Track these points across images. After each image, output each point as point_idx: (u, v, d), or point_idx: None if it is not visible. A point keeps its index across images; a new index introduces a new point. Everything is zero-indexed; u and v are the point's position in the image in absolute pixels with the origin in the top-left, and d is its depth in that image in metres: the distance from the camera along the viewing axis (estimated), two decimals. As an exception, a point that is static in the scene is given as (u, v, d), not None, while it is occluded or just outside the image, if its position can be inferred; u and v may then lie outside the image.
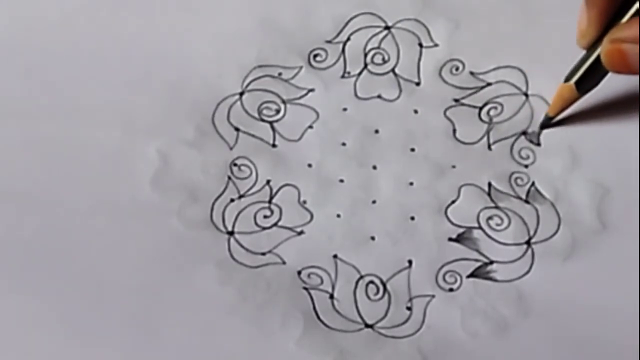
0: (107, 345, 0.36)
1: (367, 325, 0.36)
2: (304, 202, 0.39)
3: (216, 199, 0.39)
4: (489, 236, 0.38)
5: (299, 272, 0.37)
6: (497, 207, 0.38)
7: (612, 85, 0.39)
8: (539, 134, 0.39)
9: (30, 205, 0.39)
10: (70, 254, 0.38)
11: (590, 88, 0.38)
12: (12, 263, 0.38)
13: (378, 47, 0.42)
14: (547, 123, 0.39)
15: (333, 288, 0.37)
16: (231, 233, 0.38)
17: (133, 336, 0.36)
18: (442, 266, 0.37)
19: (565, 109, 0.39)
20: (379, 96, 0.41)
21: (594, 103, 0.39)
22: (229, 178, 0.39)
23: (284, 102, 0.41)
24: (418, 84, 0.41)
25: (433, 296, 0.37)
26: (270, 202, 0.39)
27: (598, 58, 0.36)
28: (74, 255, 0.38)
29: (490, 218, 0.38)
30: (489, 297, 0.36)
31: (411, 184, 0.39)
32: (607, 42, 0.35)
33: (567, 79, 0.38)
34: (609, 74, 0.37)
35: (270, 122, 0.41)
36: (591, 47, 0.37)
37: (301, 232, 0.38)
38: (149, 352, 0.36)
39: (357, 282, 0.37)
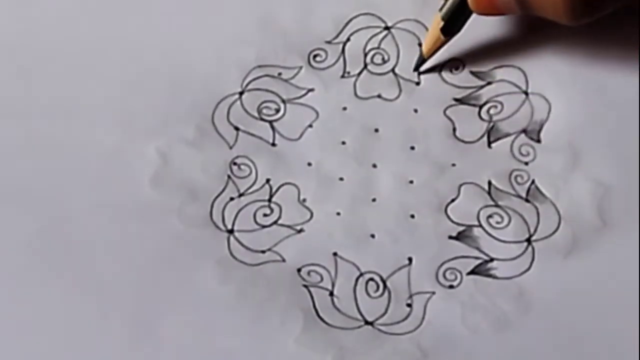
0: (106, 344, 0.36)
1: (367, 322, 0.36)
2: (304, 200, 0.39)
3: (216, 198, 0.39)
4: (489, 234, 0.38)
5: (299, 270, 0.37)
6: (497, 206, 0.38)
7: (612, 84, 0.39)
8: (418, 73, 0.41)
9: (30, 205, 0.39)
10: (70, 253, 0.38)
11: (455, 32, 0.39)
12: (12, 263, 0.38)
13: (378, 48, 0.42)
14: (420, 63, 0.41)
15: (333, 285, 0.37)
16: (231, 231, 0.38)
17: (133, 335, 0.36)
18: (442, 263, 0.37)
19: (436, 52, 0.40)
20: (379, 96, 0.41)
21: (594, 101, 0.39)
22: (229, 177, 0.39)
23: (283, 101, 0.41)
24: (418, 83, 0.41)
25: (433, 293, 0.36)
26: (270, 200, 0.39)
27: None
28: (73, 254, 0.38)
29: (490, 216, 0.38)
30: (489, 293, 0.36)
31: (411, 182, 0.39)
32: None
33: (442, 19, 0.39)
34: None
35: (270, 122, 0.41)
36: None
37: (301, 230, 0.38)
38: (149, 351, 0.36)
39: (357, 279, 0.37)
